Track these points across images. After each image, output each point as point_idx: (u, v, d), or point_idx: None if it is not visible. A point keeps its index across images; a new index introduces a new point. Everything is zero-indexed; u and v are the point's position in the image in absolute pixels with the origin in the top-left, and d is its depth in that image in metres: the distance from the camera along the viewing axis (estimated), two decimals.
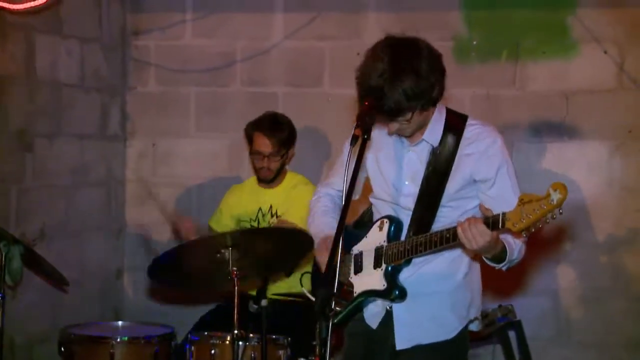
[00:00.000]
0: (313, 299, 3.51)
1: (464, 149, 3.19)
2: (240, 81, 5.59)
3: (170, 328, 4.41)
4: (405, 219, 3.25)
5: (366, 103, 3.00)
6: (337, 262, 2.77)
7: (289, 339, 4.08)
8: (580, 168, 5.28)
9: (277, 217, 4.75)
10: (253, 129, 4.76)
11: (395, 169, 3.27)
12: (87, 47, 5.21)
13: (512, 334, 4.93)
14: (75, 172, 5.16)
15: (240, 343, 3.83)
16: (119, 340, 4.19)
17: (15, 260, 4.06)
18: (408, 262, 3.20)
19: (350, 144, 2.90)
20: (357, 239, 3.37)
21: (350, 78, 5.30)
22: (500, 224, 2.84)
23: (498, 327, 4.79)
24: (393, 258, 3.18)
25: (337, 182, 3.47)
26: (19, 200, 4.68)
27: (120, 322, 4.66)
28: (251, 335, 3.96)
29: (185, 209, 5.66)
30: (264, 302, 3.79)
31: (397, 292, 3.20)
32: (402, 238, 3.22)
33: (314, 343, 2.83)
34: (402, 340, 3.25)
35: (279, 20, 5.54)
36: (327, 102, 5.48)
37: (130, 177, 5.69)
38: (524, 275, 5.30)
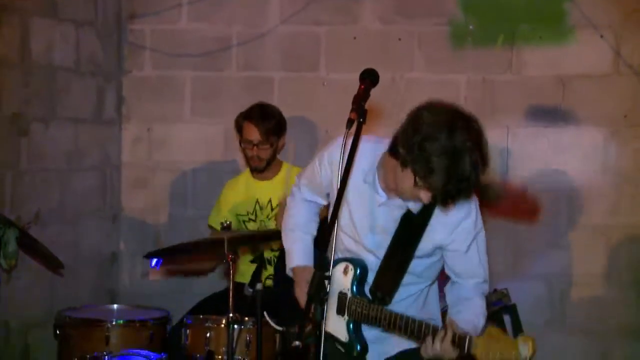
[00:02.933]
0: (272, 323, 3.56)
1: (438, 215, 3.08)
2: (236, 66, 5.58)
3: (165, 311, 4.43)
4: (370, 261, 3.18)
5: (362, 86, 2.96)
6: (332, 242, 2.78)
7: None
8: (576, 154, 5.30)
9: None
10: (242, 118, 4.81)
11: (365, 215, 3.16)
12: (82, 31, 5.19)
13: (506, 318, 4.95)
14: (70, 157, 5.15)
15: (236, 326, 3.85)
16: (114, 323, 4.22)
17: (11, 244, 4.06)
18: None
19: (346, 127, 2.86)
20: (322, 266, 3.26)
21: (346, 63, 5.40)
22: (465, 349, 2.82)
23: (492, 311, 4.80)
24: (355, 316, 3.12)
25: (309, 192, 3.45)
26: (14, 185, 4.67)
27: (115, 306, 4.68)
28: (246, 318, 3.98)
29: (180, 194, 5.67)
30: (259, 286, 3.80)
31: (359, 348, 3.15)
32: (366, 288, 3.15)
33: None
34: (373, 358, 3.23)
35: (275, 4, 5.53)
36: (322, 87, 5.48)
37: (125, 162, 5.69)
38: (519, 259, 5.32)
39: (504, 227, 5.28)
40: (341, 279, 3.19)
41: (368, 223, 3.17)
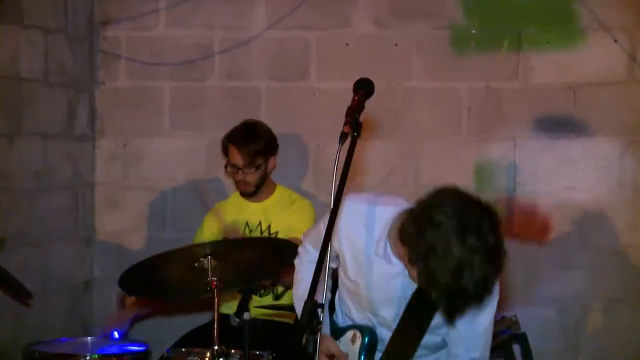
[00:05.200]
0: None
1: None
2: (219, 75, 5.58)
3: (144, 345, 4.39)
4: (382, 331, 3.23)
5: (356, 97, 2.97)
6: (324, 272, 2.76)
7: (274, 355, 4.06)
8: (588, 167, 5.29)
9: (269, 232, 4.79)
10: (227, 140, 4.81)
11: (381, 287, 3.17)
12: (51, 38, 5.18)
13: (516, 348, 4.93)
14: (38, 175, 5.12)
15: (221, 359, 3.82)
16: (88, 358, 4.16)
17: None
18: None
19: (339, 142, 2.86)
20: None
21: (338, 71, 5.39)
22: None
23: (501, 340, 4.78)
24: None
25: (314, 251, 3.39)
26: None
27: (89, 338, 4.61)
28: (233, 351, 3.95)
29: (159, 215, 5.64)
30: (246, 316, 3.77)
31: None
32: (376, 358, 3.20)
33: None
34: None
35: (260, 8, 5.52)
36: (313, 97, 5.48)
37: (99, 180, 5.66)
38: (529, 283, 5.30)
39: (511, 249, 5.22)
40: (348, 349, 3.22)
41: (385, 295, 3.17)
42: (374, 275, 3.16)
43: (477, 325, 3.14)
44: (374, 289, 3.18)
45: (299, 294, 3.43)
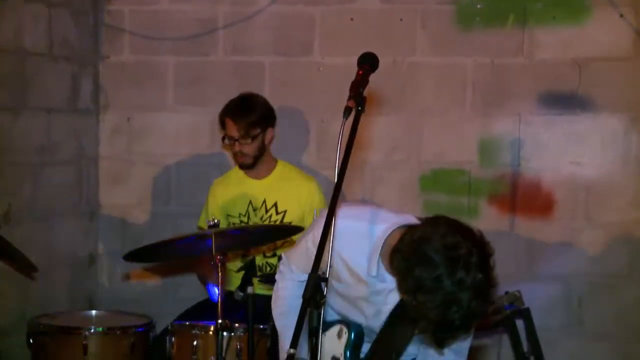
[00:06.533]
0: None
1: None
2: (223, 50, 5.58)
3: (148, 318, 4.43)
4: (367, 331, 3.26)
5: (360, 72, 2.98)
6: (329, 242, 2.77)
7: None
8: (594, 143, 5.30)
9: (276, 210, 4.80)
10: (223, 114, 4.83)
11: (372, 304, 3.19)
12: (54, 12, 5.18)
13: (519, 323, 4.96)
14: (42, 150, 5.14)
15: (225, 333, 3.85)
16: (92, 331, 4.22)
17: None
18: None
19: (344, 117, 2.87)
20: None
21: (343, 46, 5.40)
22: None
23: (505, 315, 4.81)
24: None
25: (302, 273, 3.32)
26: None
27: (94, 312, 4.69)
28: (236, 325, 3.98)
29: (163, 190, 5.66)
30: (250, 290, 3.80)
31: None
32: (362, 354, 3.23)
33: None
34: None
35: None
36: (317, 72, 5.48)
37: (103, 155, 5.68)
38: (533, 259, 5.33)
39: (516, 224, 5.29)
40: (335, 343, 3.25)
41: (376, 309, 3.18)
42: (367, 291, 3.15)
43: (459, 346, 3.18)
44: (366, 303, 3.19)
45: (278, 310, 3.39)
